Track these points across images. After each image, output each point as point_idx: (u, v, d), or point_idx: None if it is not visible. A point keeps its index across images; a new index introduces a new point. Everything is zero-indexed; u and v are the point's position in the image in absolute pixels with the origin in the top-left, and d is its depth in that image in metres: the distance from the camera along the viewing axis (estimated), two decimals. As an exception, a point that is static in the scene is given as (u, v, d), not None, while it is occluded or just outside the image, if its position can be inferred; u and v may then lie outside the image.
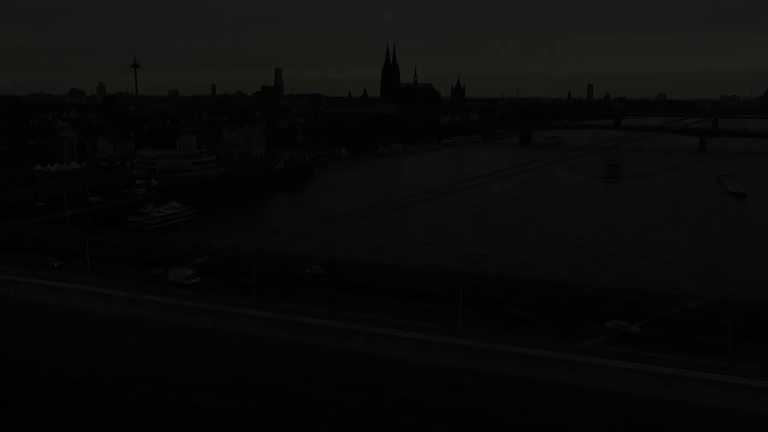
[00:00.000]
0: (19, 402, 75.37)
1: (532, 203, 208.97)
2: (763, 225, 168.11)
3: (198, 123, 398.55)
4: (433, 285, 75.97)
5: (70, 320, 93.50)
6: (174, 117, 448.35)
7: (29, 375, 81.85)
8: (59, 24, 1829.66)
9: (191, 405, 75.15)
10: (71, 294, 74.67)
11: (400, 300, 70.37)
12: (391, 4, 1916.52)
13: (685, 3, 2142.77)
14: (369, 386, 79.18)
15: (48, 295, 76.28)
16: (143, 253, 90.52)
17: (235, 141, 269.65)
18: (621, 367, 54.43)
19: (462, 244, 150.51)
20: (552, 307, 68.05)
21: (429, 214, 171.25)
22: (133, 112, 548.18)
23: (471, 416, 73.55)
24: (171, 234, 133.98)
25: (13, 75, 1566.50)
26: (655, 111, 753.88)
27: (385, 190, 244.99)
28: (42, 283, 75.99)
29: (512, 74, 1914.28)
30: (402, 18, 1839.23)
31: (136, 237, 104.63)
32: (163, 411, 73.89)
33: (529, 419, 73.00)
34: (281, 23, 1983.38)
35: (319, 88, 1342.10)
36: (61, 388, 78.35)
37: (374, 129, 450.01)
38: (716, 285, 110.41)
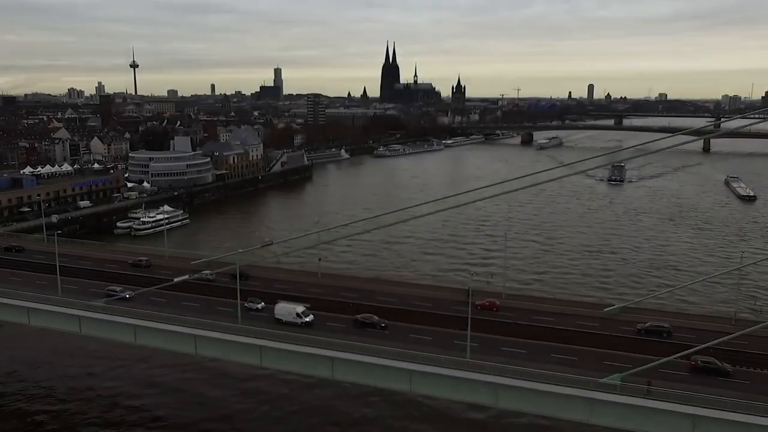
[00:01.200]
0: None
1: (537, 207, 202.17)
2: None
3: (195, 123, 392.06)
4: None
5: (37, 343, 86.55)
6: (170, 117, 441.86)
7: None
8: (59, 24, 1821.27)
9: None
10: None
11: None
12: (391, 3, 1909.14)
13: (686, 3, 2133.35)
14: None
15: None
16: (117, 266, 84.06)
17: (231, 142, 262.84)
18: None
19: (464, 253, 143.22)
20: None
21: (431, 218, 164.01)
22: (130, 112, 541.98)
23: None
24: (157, 242, 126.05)
25: (12, 75, 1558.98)
26: (657, 111, 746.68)
27: (384, 192, 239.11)
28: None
29: (512, 74, 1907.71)
30: (402, 18, 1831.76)
31: (113, 247, 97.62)
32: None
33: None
34: (281, 23, 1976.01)
35: (319, 87, 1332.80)
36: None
37: (374, 129, 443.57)
38: None
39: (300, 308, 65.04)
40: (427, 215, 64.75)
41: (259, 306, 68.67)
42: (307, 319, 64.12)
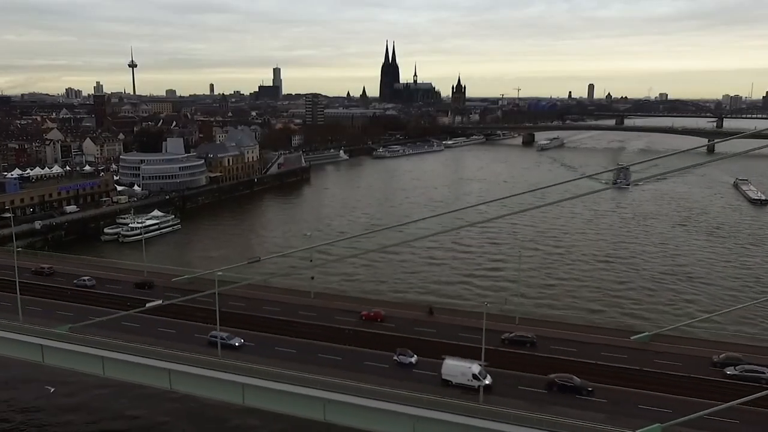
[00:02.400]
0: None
1: (543, 211, 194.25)
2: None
3: (191, 124, 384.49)
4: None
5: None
6: (166, 118, 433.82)
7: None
8: (59, 24, 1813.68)
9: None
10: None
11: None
12: (391, 3, 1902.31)
13: (687, 2, 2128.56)
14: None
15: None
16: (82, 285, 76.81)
17: (227, 143, 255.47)
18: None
19: (469, 264, 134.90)
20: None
21: (433, 223, 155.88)
22: (126, 112, 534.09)
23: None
24: (133, 254, 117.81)
25: (11, 75, 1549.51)
26: (658, 111, 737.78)
27: (385, 196, 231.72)
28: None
29: (512, 74, 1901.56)
30: (402, 17, 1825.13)
31: (87, 260, 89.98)
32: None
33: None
34: (281, 22, 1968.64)
35: (319, 87, 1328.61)
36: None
37: (373, 130, 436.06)
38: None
39: (476, 367, 51.61)
40: (433, 236, 57.24)
41: (413, 360, 56.66)
42: (487, 382, 51.18)
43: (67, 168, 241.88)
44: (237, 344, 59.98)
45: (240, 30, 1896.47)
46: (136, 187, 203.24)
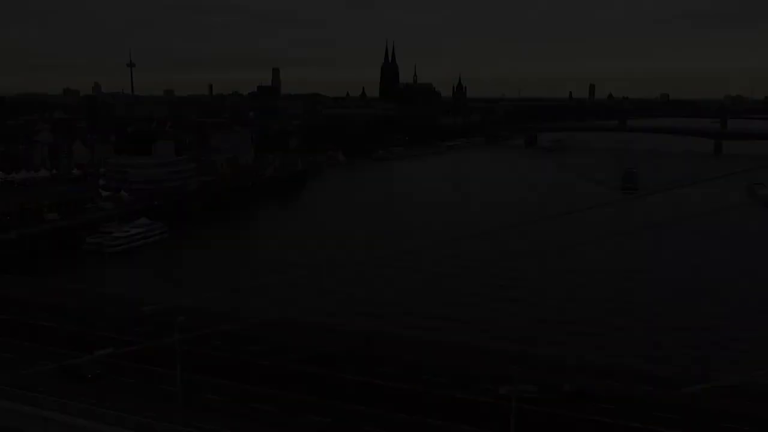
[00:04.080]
0: None
1: (549, 216, 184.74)
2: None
3: (186, 125, 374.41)
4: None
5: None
6: (161, 118, 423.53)
7: None
8: (59, 23, 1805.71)
9: None
10: None
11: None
12: (391, 3, 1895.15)
13: (688, 2, 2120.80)
14: None
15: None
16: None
17: (221, 146, 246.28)
18: None
19: (474, 283, 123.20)
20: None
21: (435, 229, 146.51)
22: (121, 112, 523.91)
23: None
24: (115, 267, 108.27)
25: (10, 75, 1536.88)
26: (661, 111, 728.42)
27: (384, 201, 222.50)
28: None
29: (512, 74, 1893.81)
30: (402, 17, 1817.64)
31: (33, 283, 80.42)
32: None
33: None
34: (281, 22, 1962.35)
35: (318, 88, 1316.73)
36: None
37: (373, 131, 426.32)
38: None
39: None
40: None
41: None
42: None
43: (54, 171, 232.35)
44: None
45: (240, 30, 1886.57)
46: (122, 193, 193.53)
